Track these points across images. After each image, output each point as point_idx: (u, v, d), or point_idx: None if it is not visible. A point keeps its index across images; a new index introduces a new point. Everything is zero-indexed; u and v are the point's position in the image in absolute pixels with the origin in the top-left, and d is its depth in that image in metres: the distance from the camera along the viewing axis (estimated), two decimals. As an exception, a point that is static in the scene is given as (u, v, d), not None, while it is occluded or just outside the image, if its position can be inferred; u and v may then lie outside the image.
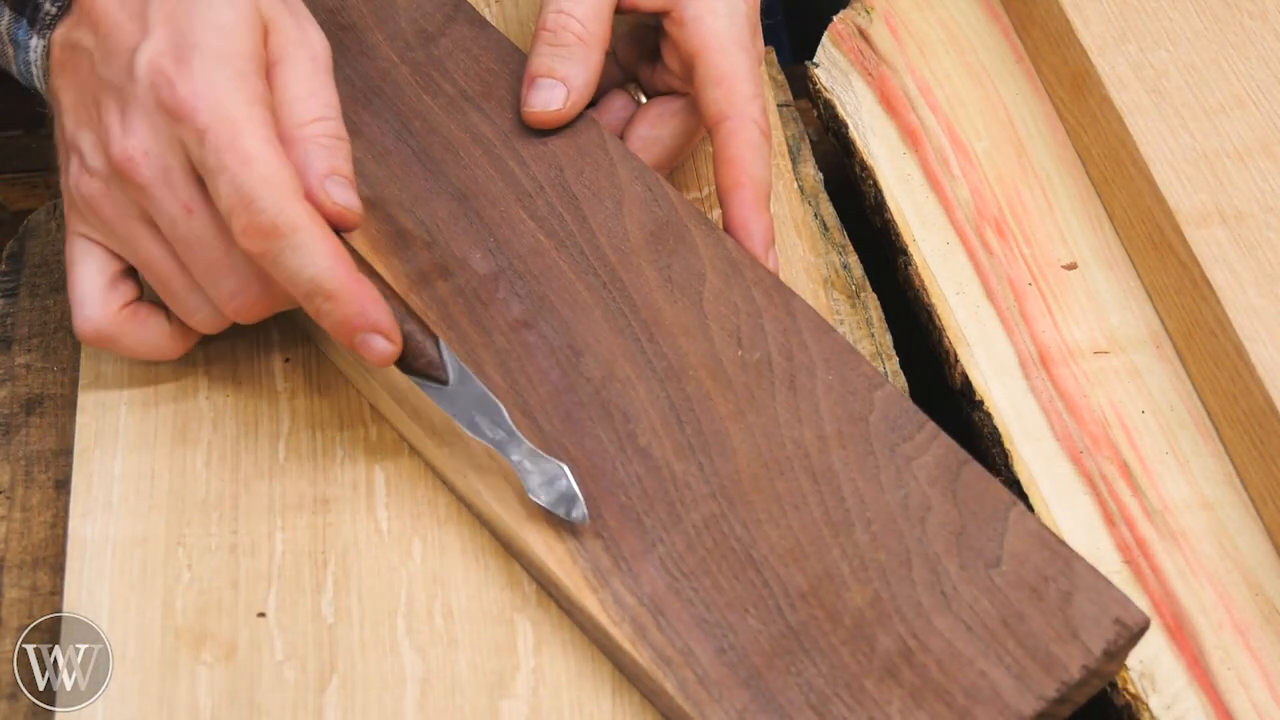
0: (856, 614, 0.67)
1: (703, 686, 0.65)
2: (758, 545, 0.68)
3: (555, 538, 0.69)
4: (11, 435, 0.79)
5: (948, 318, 0.82)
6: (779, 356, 0.73)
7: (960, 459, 0.70)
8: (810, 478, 0.70)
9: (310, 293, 0.69)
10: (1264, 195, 0.81)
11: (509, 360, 0.74)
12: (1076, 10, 0.89)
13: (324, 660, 0.69)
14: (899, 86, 0.91)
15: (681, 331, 0.74)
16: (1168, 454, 0.77)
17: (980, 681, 0.65)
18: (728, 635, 0.67)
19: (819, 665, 0.66)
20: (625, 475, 0.71)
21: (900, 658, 0.65)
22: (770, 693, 0.65)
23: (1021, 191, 0.87)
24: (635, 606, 0.67)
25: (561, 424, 0.72)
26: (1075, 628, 0.66)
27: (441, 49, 0.84)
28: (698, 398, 0.72)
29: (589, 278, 0.76)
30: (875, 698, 0.65)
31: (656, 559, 0.68)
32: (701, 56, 0.78)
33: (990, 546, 0.68)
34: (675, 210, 0.78)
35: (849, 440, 0.71)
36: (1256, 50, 0.87)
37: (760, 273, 0.76)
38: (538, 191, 0.78)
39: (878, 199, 0.87)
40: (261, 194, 0.67)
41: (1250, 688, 0.70)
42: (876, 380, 0.72)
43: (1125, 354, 0.81)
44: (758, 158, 0.77)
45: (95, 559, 0.72)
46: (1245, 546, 0.75)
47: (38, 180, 0.98)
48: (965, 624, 0.66)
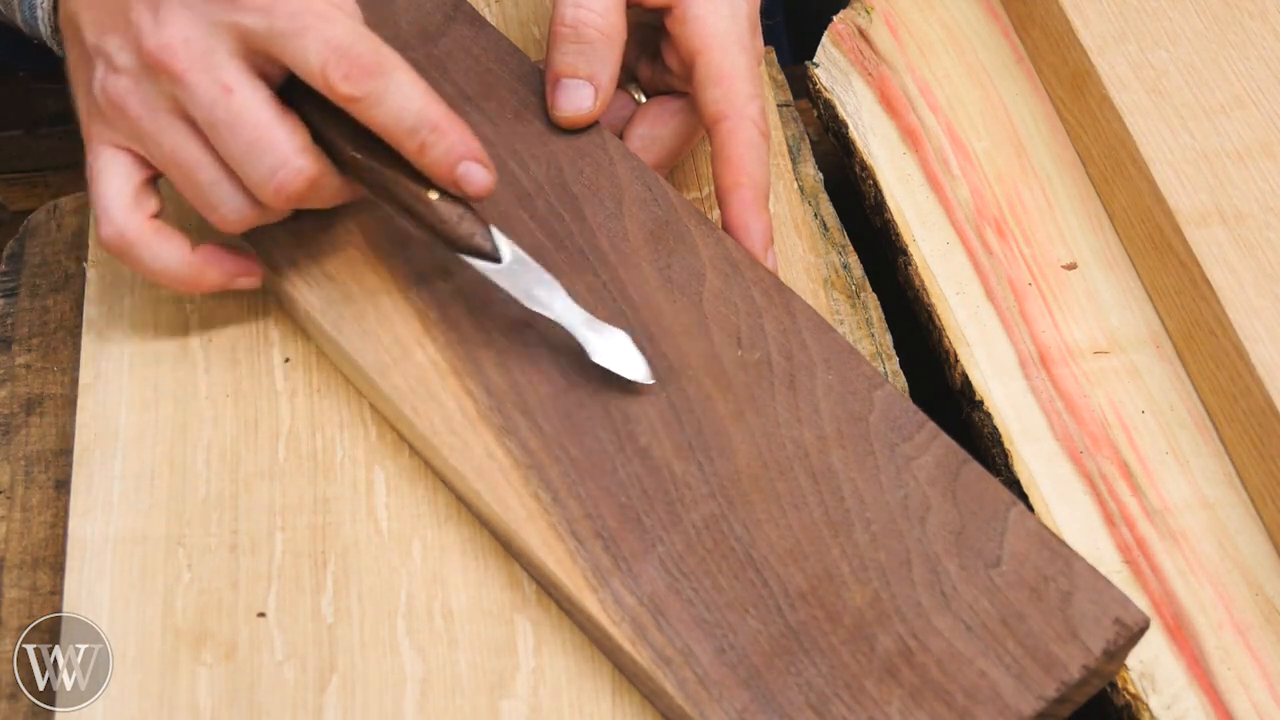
0: (856, 614, 0.67)
1: (703, 686, 0.65)
2: (757, 545, 0.68)
3: (555, 537, 0.69)
4: (11, 435, 0.79)
5: (948, 318, 0.82)
6: (779, 356, 0.73)
7: (960, 459, 0.70)
8: (810, 477, 0.70)
9: (415, 127, 0.70)
10: (1264, 195, 0.81)
11: (509, 360, 0.74)
12: (1076, 10, 0.89)
13: (324, 660, 0.69)
14: (899, 86, 0.91)
15: (681, 331, 0.74)
16: (1168, 454, 0.77)
17: (980, 681, 0.65)
18: (727, 635, 0.67)
19: (819, 665, 0.66)
20: (625, 475, 0.70)
21: (900, 658, 0.65)
22: (770, 693, 0.65)
23: (1021, 191, 0.87)
24: (635, 606, 0.67)
25: (561, 423, 0.72)
26: (1075, 628, 0.66)
27: (441, 49, 0.84)
28: (698, 398, 0.72)
29: (589, 277, 0.76)
30: (875, 698, 0.65)
31: (656, 559, 0.68)
32: (702, 55, 0.78)
33: (990, 546, 0.68)
34: (675, 210, 0.77)
35: (849, 440, 0.71)
36: (1256, 50, 0.87)
37: (760, 272, 0.75)
38: (538, 191, 0.78)
39: (878, 199, 0.87)
40: (354, 39, 0.69)
41: (1250, 688, 0.70)
42: (876, 380, 0.72)
43: (1125, 354, 0.81)
44: (756, 157, 0.77)
45: (95, 559, 0.72)
46: (1245, 546, 0.75)
47: (38, 180, 0.98)
48: (965, 624, 0.66)
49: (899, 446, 0.70)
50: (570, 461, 0.71)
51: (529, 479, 0.71)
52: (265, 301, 0.80)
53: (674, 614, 0.67)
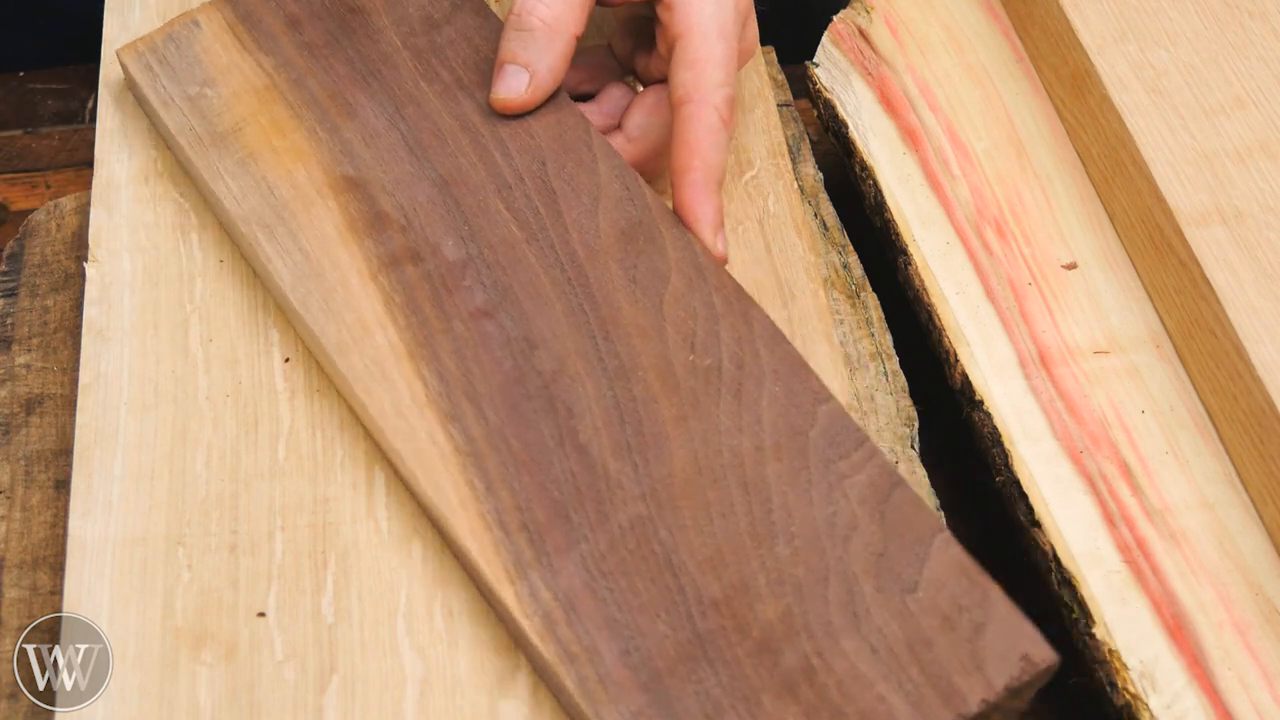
0: (766, 627, 0.66)
1: (601, 686, 0.65)
2: (679, 550, 0.68)
3: (483, 526, 0.69)
4: (11, 435, 0.79)
5: (948, 318, 0.82)
6: (730, 364, 0.73)
7: (892, 481, 0.69)
8: (742, 487, 0.70)
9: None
10: (1264, 195, 0.81)
11: (464, 348, 0.74)
12: (1076, 10, 0.89)
13: (324, 660, 0.69)
14: (899, 86, 0.91)
15: (637, 332, 0.74)
16: (1168, 454, 0.77)
17: (878, 706, 0.64)
18: (635, 638, 0.67)
19: (720, 675, 0.65)
20: (560, 471, 0.71)
21: (802, 675, 0.65)
22: (668, 698, 0.65)
23: (1021, 191, 0.87)
24: (549, 601, 0.68)
25: (506, 415, 0.72)
26: (981, 660, 0.65)
27: (444, 37, 0.84)
28: (643, 399, 0.72)
29: (555, 272, 0.76)
30: (770, 713, 0.64)
31: (578, 556, 0.69)
32: (681, 39, 0.79)
33: (909, 571, 0.67)
34: (650, 212, 0.78)
35: (786, 453, 0.70)
36: (1256, 50, 0.87)
37: (724, 279, 0.76)
38: (518, 183, 0.79)
39: (878, 199, 0.87)
40: None
41: (1250, 688, 0.70)
42: (823, 395, 0.72)
43: (1125, 354, 0.81)
44: (714, 142, 0.77)
45: (95, 559, 0.72)
46: (1245, 546, 0.75)
47: (38, 180, 0.98)
48: (872, 646, 0.66)
49: (835, 463, 0.70)
50: (509, 453, 0.71)
51: (466, 466, 0.71)
52: (265, 301, 0.80)
53: (586, 612, 0.67)
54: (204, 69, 0.84)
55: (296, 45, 0.85)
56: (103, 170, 0.85)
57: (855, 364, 0.81)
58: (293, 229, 0.79)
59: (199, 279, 0.81)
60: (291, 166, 0.81)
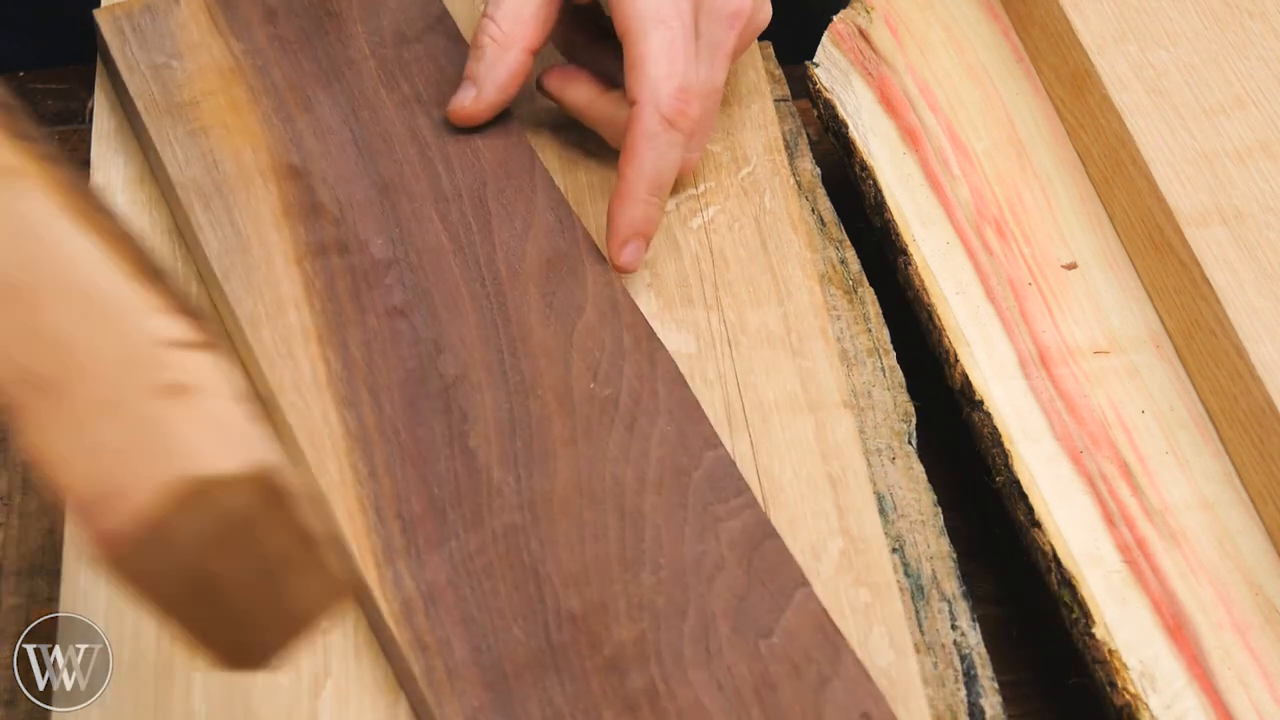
0: (618, 648, 0.67)
1: (448, 679, 0.66)
2: (546, 563, 0.69)
3: (359, 510, 0.70)
4: (9, 441, 0.79)
5: (947, 318, 0.82)
6: (627, 398, 0.74)
7: (765, 532, 0.71)
8: (618, 514, 0.71)
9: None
10: (1264, 195, 0.81)
11: (374, 340, 0.76)
12: (1076, 10, 0.89)
13: (318, 665, 0.69)
14: (899, 86, 0.91)
15: (544, 354, 0.76)
16: (1168, 454, 0.77)
17: None
18: (488, 638, 0.67)
19: (566, 686, 0.66)
20: (445, 469, 0.72)
21: (645, 698, 0.66)
22: (510, 701, 0.66)
23: (1021, 191, 0.87)
24: (411, 589, 0.68)
25: (402, 407, 0.73)
26: (822, 712, 0.66)
27: (412, 53, 0.87)
28: (538, 416, 0.73)
29: (475, 286, 0.78)
30: None
31: (447, 552, 0.69)
32: (625, 39, 0.79)
33: (767, 618, 0.68)
34: (578, 245, 0.79)
35: (667, 489, 0.71)
36: (1256, 50, 0.87)
37: (637, 319, 0.77)
38: (455, 198, 0.81)
39: (878, 199, 0.87)
40: None
41: (1250, 688, 0.70)
42: (714, 442, 0.73)
43: (1125, 354, 0.81)
44: (650, 147, 0.77)
45: (91, 565, 0.72)
46: (1245, 546, 0.74)
47: (38, 183, 0.98)
48: (718, 682, 0.66)
49: (712, 506, 0.71)
50: (398, 444, 0.72)
51: (353, 450, 0.72)
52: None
53: (445, 606, 0.68)
54: (174, 42, 0.86)
55: (269, 36, 0.87)
56: (98, 174, 0.85)
57: (852, 360, 0.81)
58: (229, 204, 0.80)
59: (195, 282, 0.81)
60: (240, 146, 0.82)
